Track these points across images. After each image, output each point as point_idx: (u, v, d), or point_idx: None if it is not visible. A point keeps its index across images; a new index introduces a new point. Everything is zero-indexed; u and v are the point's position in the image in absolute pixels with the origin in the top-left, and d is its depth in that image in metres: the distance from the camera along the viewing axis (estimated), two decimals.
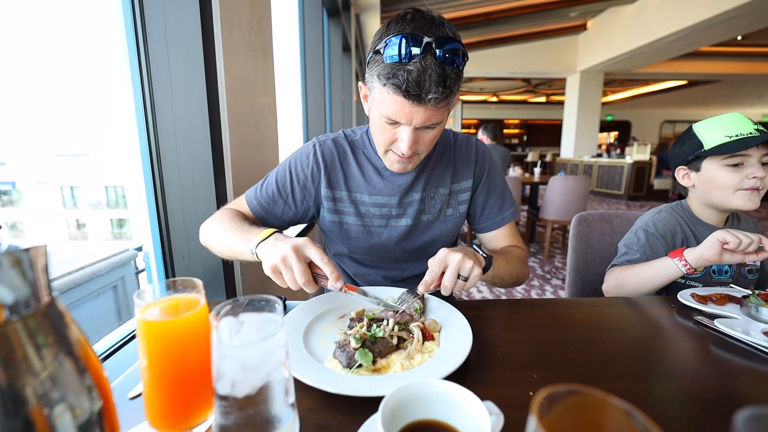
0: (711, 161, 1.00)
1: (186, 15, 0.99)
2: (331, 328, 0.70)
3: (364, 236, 0.96)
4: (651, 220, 1.09)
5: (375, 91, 0.76)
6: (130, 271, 1.68)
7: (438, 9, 5.96)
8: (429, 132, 0.79)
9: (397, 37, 0.69)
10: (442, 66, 0.69)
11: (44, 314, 0.29)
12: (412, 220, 0.95)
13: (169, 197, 1.05)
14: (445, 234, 0.98)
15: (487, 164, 1.00)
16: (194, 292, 0.44)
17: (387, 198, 0.94)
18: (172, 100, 1.01)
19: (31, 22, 1.96)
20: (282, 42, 2.60)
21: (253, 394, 0.37)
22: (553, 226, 4.04)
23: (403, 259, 1.00)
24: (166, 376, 0.41)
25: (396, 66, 0.69)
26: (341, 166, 0.94)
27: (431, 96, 0.70)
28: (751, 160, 0.95)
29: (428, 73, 0.68)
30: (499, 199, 1.01)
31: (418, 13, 0.72)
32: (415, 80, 0.68)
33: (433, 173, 0.96)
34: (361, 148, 0.96)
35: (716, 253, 0.86)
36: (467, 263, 0.71)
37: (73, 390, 0.31)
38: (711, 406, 0.52)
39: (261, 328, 0.39)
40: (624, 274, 1.01)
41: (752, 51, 7.86)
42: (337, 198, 0.94)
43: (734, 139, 0.94)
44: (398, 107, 0.73)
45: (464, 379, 0.57)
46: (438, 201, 0.96)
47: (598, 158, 8.75)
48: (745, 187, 0.96)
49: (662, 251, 1.03)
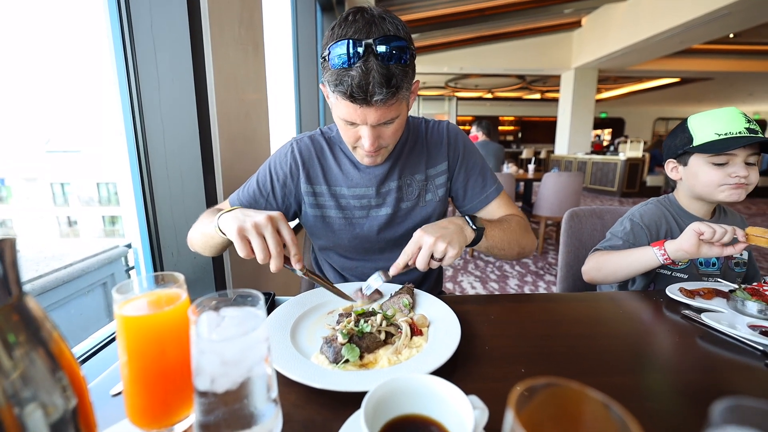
0: (698, 157, 1.01)
1: (173, 9, 0.97)
2: (319, 323, 0.70)
3: (347, 228, 0.97)
4: (638, 210, 1.12)
5: (330, 95, 0.78)
6: (119, 268, 1.66)
7: (430, 6, 5.95)
8: (388, 127, 0.81)
9: (339, 44, 0.70)
10: (385, 66, 0.70)
11: (13, 309, 0.29)
12: (391, 209, 0.97)
13: (157, 193, 1.04)
14: (427, 219, 0.99)
15: (461, 145, 1.00)
16: (175, 287, 0.44)
17: (365, 189, 0.96)
18: (160, 95, 1.00)
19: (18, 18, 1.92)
20: (274, 37, 2.57)
21: (233, 389, 0.36)
22: (546, 222, 4.06)
23: (387, 248, 1.01)
24: (146, 372, 0.40)
25: (340, 72, 0.71)
26: (319, 162, 0.96)
27: (377, 98, 0.71)
28: (736, 159, 0.96)
29: (371, 75, 0.69)
30: (480, 177, 1.01)
31: (359, 13, 0.73)
32: (357, 85, 0.70)
33: (407, 161, 0.97)
34: (337, 143, 0.98)
35: (693, 244, 0.87)
36: (440, 245, 0.71)
37: (45, 388, 0.30)
38: (696, 399, 0.52)
39: (241, 323, 0.38)
40: (604, 258, 1.04)
41: (744, 49, 7.92)
42: (317, 193, 0.96)
43: (722, 138, 0.95)
44: (350, 110, 0.75)
45: (452, 373, 0.57)
46: (415, 187, 0.98)
47: (591, 155, 8.80)
48: (728, 183, 0.98)
49: (645, 241, 1.05)
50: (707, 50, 7.83)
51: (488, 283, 3.33)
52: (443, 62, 8.75)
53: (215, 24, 1.06)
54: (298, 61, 2.79)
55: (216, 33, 1.07)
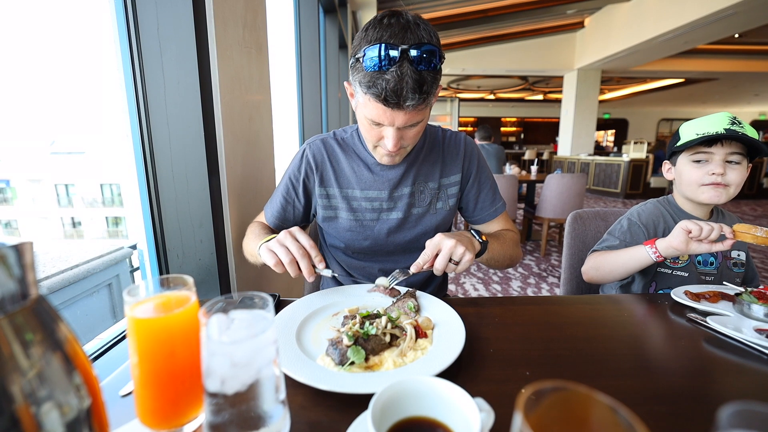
0: (682, 157, 1.06)
1: (179, 12, 0.98)
2: (324, 325, 0.70)
3: (358, 230, 0.99)
4: (636, 210, 1.16)
5: (358, 95, 0.79)
6: (124, 269, 1.67)
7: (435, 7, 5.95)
8: (412, 129, 0.83)
9: (374, 47, 0.71)
10: (418, 72, 0.71)
11: (32, 311, 0.29)
12: (402, 213, 0.99)
13: (163, 195, 1.05)
14: (436, 226, 1.02)
15: (475, 160, 1.04)
16: (185, 289, 0.44)
17: (378, 192, 0.98)
18: (165, 97, 1.01)
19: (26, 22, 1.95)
20: (277, 39, 2.58)
21: (243, 391, 0.37)
22: (549, 224, 4.05)
23: (396, 251, 1.03)
24: (157, 373, 0.41)
25: (374, 75, 0.72)
26: (331, 164, 0.99)
27: (409, 103, 0.74)
28: (714, 157, 0.99)
29: (405, 80, 0.71)
30: (491, 192, 1.06)
31: (395, 17, 0.74)
32: (392, 90, 0.71)
33: (422, 168, 1.00)
34: (351, 146, 1.00)
35: (682, 241, 0.90)
36: (459, 249, 0.76)
37: (60, 388, 0.30)
38: (702, 403, 0.52)
39: (251, 325, 0.38)
40: (601, 258, 1.07)
41: (749, 49, 7.88)
42: (330, 195, 0.99)
43: (699, 137, 0.99)
44: (379, 112, 0.77)
45: (457, 376, 0.57)
46: (427, 195, 1.00)
47: (594, 156, 8.77)
48: (706, 182, 1.00)
49: (642, 239, 1.08)
50: (712, 50, 7.80)
51: (491, 284, 3.32)
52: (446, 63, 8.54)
53: (220, 26, 1.07)
54: (300, 63, 2.80)
55: (221, 35, 1.08)
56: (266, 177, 1.41)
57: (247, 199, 1.22)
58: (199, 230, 1.05)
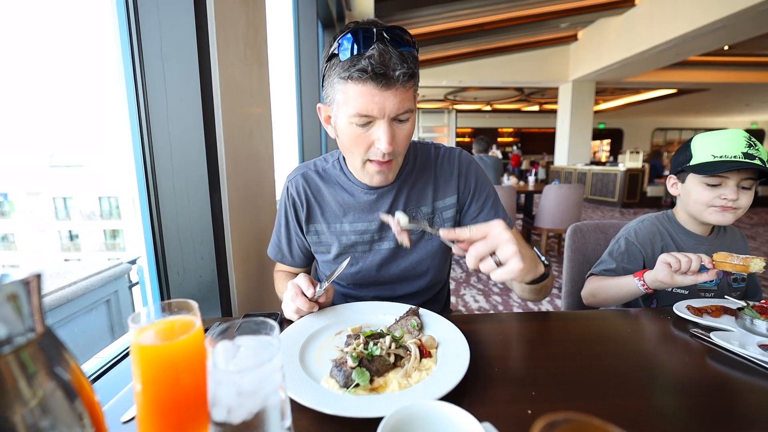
0: (694, 177, 1.04)
1: (182, 30, 0.99)
2: (327, 344, 0.70)
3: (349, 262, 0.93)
4: (633, 228, 1.14)
5: (338, 95, 0.75)
6: (123, 285, 1.66)
7: (431, 21, 6.06)
8: (403, 126, 0.78)
9: (348, 35, 0.71)
10: (397, 50, 0.71)
11: (38, 345, 0.29)
12: (394, 243, 0.93)
13: (164, 211, 1.04)
14: (432, 253, 0.96)
15: (473, 176, 0.96)
16: (189, 314, 0.44)
17: (367, 224, 0.93)
18: (168, 114, 1.01)
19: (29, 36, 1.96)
20: (277, 54, 2.61)
21: (249, 419, 0.36)
22: (548, 234, 4.06)
23: (391, 281, 0.98)
24: (161, 401, 0.40)
25: (355, 58, 0.70)
26: (315, 200, 0.96)
27: (399, 72, 0.70)
28: (729, 182, 0.98)
29: (389, 53, 0.70)
30: (493, 211, 0.97)
31: (361, 21, 0.75)
32: (378, 61, 0.69)
33: (413, 192, 0.94)
34: (333, 176, 0.95)
35: (666, 275, 0.89)
36: (510, 247, 0.59)
37: (63, 419, 0.30)
38: (711, 423, 0.52)
39: (257, 353, 0.38)
40: (598, 284, 1.08)
41: (739, 60, 8.03)
42: (318, 231, 0.97)
43: (716, 161, 0.96)
44: (367, 98, 0.71)
45: (462, 397, 0.56)
46: (421, 220, 0.93)
47: (591, 166, 8.84)
48: (716, 204, 0.99)
49: (639, 259, 1.08)
50: (703, 62, 7.94)
51: (491, 296, 3.31)
52: (442, 76, 8.86)
53: (222, 44, 1.08)
54: (300, 76, 2.83)
55: (222, 53, 1.09)
56: (267, 193, 1.41)
57: (248, 216, 1.22)
58: (200, 247, 1.05)
